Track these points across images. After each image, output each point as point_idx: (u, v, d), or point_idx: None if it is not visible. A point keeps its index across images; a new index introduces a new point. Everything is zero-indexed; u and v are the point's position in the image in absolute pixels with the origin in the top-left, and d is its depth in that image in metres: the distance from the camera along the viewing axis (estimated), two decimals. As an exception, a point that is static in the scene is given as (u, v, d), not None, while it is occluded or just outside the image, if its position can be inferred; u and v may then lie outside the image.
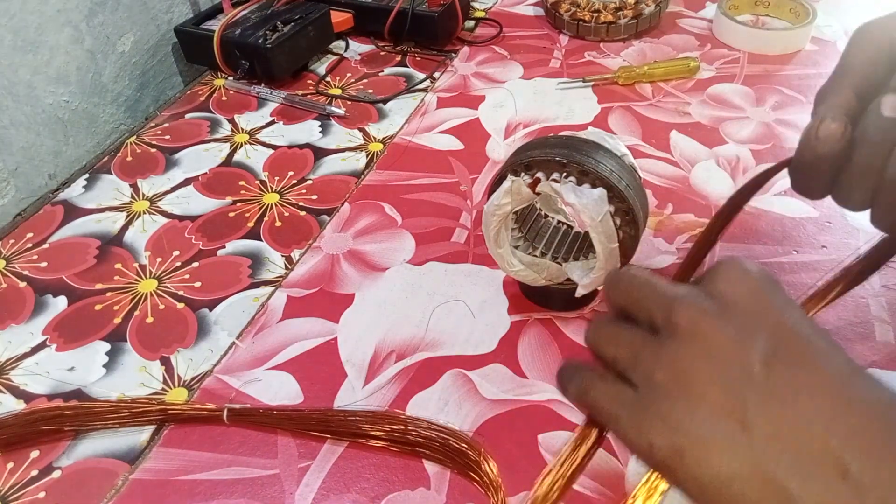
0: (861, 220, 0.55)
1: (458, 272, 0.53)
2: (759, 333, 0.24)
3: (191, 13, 0.80)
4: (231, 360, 0.47)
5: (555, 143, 0.43)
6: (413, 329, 0.48)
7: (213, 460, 0.41)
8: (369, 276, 0.53)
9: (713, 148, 0.64)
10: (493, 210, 0.44)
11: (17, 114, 0.62)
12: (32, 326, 0.50)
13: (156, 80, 0.77)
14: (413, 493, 0.39)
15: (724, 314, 0.24)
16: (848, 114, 0.28)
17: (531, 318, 0.49)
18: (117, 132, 0.73)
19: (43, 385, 0.46)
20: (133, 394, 0.45)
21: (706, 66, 0.76)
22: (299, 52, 0.75)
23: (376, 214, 0.58)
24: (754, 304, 0.25)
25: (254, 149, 0.66)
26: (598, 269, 0.43)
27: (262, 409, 0.44)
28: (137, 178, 0.63)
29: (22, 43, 0.61)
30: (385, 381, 0.45)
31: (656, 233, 0.55)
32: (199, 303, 0.51)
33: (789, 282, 0.50)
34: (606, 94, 0.72)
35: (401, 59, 0.79)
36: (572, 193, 0.41)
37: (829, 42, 0.79)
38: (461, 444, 0.40)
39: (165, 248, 0.56)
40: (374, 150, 0.65)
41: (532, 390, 0.44)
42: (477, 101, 0.72)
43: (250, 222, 0.58)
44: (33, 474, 0.41)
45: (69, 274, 0.54)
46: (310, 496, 0.39)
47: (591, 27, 0.80)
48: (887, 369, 0.44)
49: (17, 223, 0.60)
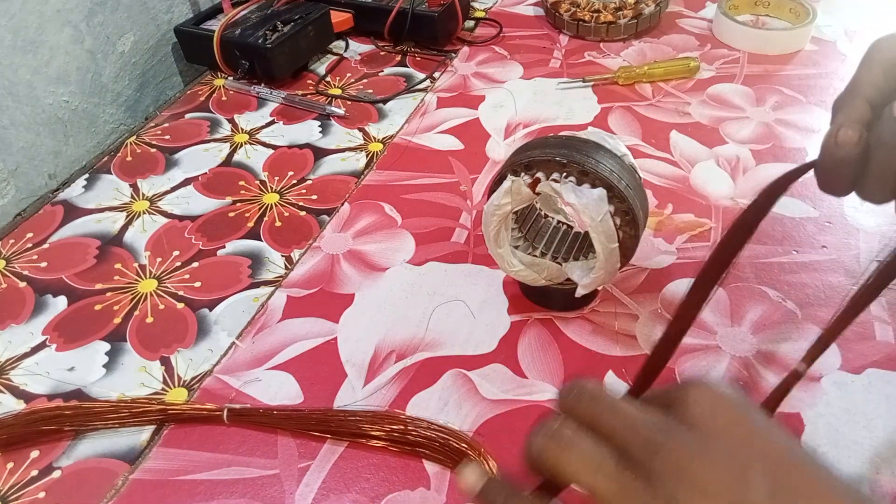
0: (861, 221, 0.55)
1: (458, 272, 0.53)
2: (754, 469, 0.22)
3: (191, 13, 0.80)
4: (231, 360, 0.47)
5: (555, 143, 0.43)
6: (413, 329, 0.48)
7: (213, 460, 0.41)
8: (369, 276, 0.53)
9: (713, 148, 0.64)
10: (493, 210, 0.44)
11: (17, 114, 0.62)
12: (32, 326, 0.50)
13: (156, 80, 0.77)
14: (413, 493, 0.39)
15: (708, 450, 0.23)
16: (862, 121, 0.30)
17: (531, 318, 0.49)
18: (117, 132, 0.73)
19: (43, 385, 0.46)
20: (133, 394, 0.45)
21: (706, 66, 0.76)
22: (299, 52, 0.75)
23: (376, 214, 0.58)
24: (738, 434, 0.23)
25: (254, 149, 0.66)
26: (598, 269, 0.43)
27: (262, 409, 0.44)
28: (137, 178, 0.63)
29: (22, 43, 0.61)
30: (385, 381, 0.45)
31: (656, 233, 0.55)
32: (199, 303, 0.51)
33: (789, 282, 0.50)
34: (606, 94, 0.72)
35: (401, 59, 0.79)
36: (572, 193, 0.41)
37: (829, 42, 0.79)
38: (461, 444, 0.40)
39: (165, 248, 0.56)
40: (374, 150, 0.65)
41: (532, 390, 0.44)
42: (477, 101, 0.72)
43: (250, 222, 0.58)
44: (33, 474, 0.41)
45: (69, 274, 0.54)
46: (310, 496, 0.39)
47: (591, 27, 0.80)
48: (887, 369, 0.44)
49: (17, 223, 0.60)
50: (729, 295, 0.50)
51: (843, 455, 0.40)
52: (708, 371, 0.45)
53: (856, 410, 0.42)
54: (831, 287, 0.50)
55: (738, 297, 0.49)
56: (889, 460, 0.39)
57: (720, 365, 0.45)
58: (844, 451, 0.40)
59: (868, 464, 0.39)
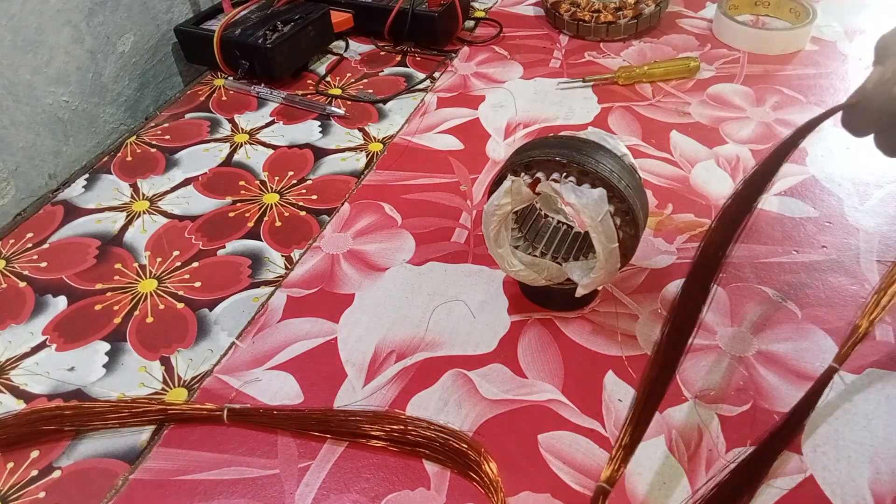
0: (861, 221, 0.55)
1: (458, 272, 0.53)
2: None
3: (191, 13, 0.80)
4: (231, 360, 0.47)
5: (555, 143, 0.43)
6: (413, 329, 0.48)
7: (213, 460, 0.41)
8: (369, 276, 0.53)
9: (713, 148, 0.64)
10: (493, 210, 0.44)
11: (17, 114, 0.62)
12: (32, 326, 0.50)
13: (156, 80, 0.77)
14: (413, 493, 0.39)
15: None
16: None
17: (531, 318, 0.49)
18: (117, 132, 0.73)
19: (43, 385, 0.46)
20: (133, 394, 0.45)
21: (706, 66, 0.76)
22: (299, 52, 0.75)
23: (376, 214, 0.58)
24: None
25: (254, 149, 0.66)
26: (598, 269, 0.43)
27: (262, 409, 0.44)
28: (137, 178, 0.63)
29: (22, 43, 0.61)
30: (385, 381, 0.45)
31: (656, 233, 0.55)
32: (199, 303, 0.51)
33: (789, 282, 0.50)
34: (606, 94, 0.72)
35: (401, 59, 0.79)
36: (572, 193, 0.41)
37: (829, 42, 0.79)
38: (461, 444, 0.40)
39: (165, 248, 0.56)
40: (374, 150, 0.65)
41: (532, 390, 0.44)
42: (477, 101, 0.72)
43: (250, 222, 0.58)
44: (33, 474, 0.41)
45: (69, 274, 0.54)
46: (310, 496, 0.39)
47: (591, 27, 0.80)
48: (887, 369, 0.44)
49: (17, 223, 0.60)
50: (729, 295, 0.50)
51: (842, 455, 0.40)
52: (708, 371, 0.45)
53: (856, 410, 0.42)
54: (831, 287, 0.50)
55: (738, 297, 0.49)
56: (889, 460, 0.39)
57: (720, 365, 0.45)
58: (844, 452, 0.40)
59: (868, 464, 0.39)
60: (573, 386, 0.44)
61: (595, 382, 0.44)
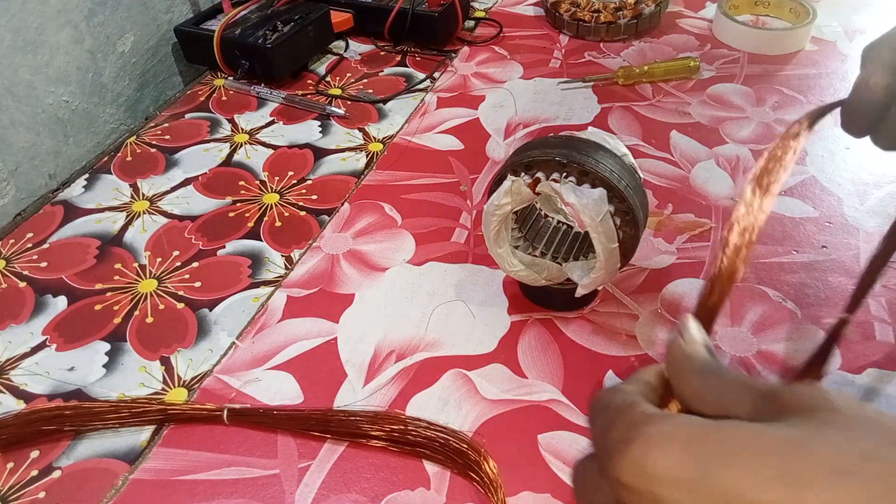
0: (861, 221, 0.55)
1: (458, 272, 0.53)
2: None
3: (191, 13, 0.80)
4: (231, 360, 0.47)
5: (555, 143, 0.43)
6: (413, 329, 0.48)
7: (213, 460, 0.41)
8: (369, 276, 0.53)
9: (713, 148, 0.64)
10: (493, 210, 0.44)
11: (17, 114, 0.62)
12: (32, 326, 0.50)
13: (156, 80, 0.77)
14: (413, 493, 0.39)
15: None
16: (893, 70, 0.32)
17: (531, 318, 0.49)
18: (117, 132, 0.73)
19: (43, 385, 0.46)
20: (133, 394, 0.45)
21: (706, 66, 0.76)
22: (299, 52, 0.75)
23: (376, 214, 0.58)
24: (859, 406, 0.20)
25: (254, 149, 0.66)
26: (598, 269, 0.43)
27: (262, 409, 0.44)
28: (137, 178, 0.63)
29: (22, 43, 0.61)
30: (385, 381, 0.45)
31: (656, 233, 0.55)
32: (199, 303, 0.51)
33: (789, 282, 0.50)
34: (606, 94, 0.72)
35: (401, 59, 0.79)
36: (572, 193, 0.41)
37: (829, 42, 0.79)
38: (461, 444, 0.40)
39: (165, 248, 0.56)
40: (374, 150, 0.65)
41: (532, 390, 0.44)
42: (477, 101, 0.72)
43: (250, 222, 0.58)
44: (33, 474, 0.41)
45: (69, 274, 0.54)
46: (310, 496, 0.39)
47: (591, 27, 0.80)
48: (887, 369, 0.44)
49: (17, 223, 0.60)
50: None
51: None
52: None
53: (856, 410, 0.42)
54: (831, 287, 0.50)
55: (738, 297, 0.49)
56: None
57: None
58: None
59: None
60: (573, 386, 0.44)
61: (595, 382, 0.44)
